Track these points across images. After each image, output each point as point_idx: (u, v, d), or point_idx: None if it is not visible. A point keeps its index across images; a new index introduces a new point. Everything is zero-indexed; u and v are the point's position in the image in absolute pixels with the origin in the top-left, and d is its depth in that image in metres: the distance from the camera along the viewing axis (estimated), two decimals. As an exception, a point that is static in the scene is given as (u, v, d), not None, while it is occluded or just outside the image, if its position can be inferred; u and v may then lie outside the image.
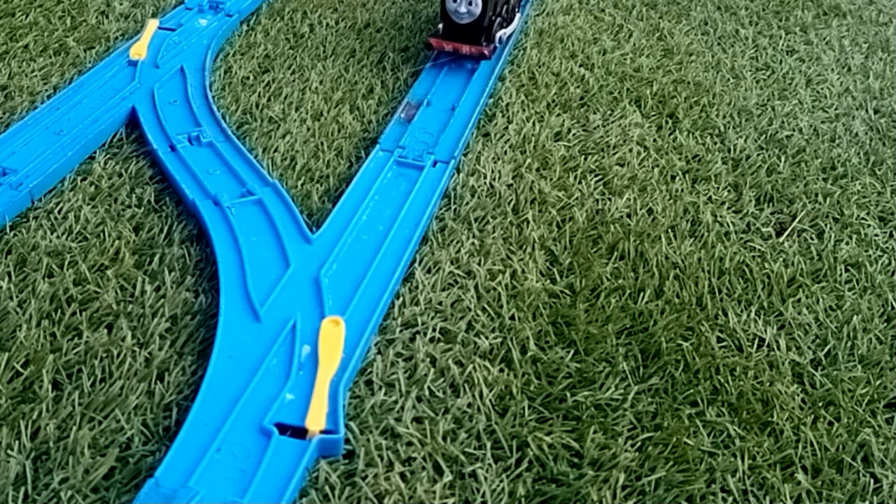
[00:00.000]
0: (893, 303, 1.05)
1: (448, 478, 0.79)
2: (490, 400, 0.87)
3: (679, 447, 0.84)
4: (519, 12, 1.49)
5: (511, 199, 1.13)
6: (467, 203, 1.12)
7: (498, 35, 1.35)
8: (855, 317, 1.01)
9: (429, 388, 0.87)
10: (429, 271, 1.01)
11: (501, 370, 0.90)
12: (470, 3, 1.30)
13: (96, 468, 0.76)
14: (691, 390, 0.90)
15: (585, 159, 1.23)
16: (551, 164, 1.21)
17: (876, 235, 1.16)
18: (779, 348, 0.97)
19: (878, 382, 0.94)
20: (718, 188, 1.21)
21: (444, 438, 0.82)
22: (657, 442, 0.85)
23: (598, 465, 0.82)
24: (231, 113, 1.25)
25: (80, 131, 1.14)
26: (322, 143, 1.21)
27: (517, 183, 1.16)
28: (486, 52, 1.33)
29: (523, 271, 1.02)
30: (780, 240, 1.13)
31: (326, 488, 0.77)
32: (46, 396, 0.82)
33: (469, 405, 0.86)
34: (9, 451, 0.77)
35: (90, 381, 0.84)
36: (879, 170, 1.29)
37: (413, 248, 1.01)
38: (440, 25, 1.34)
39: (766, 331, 0.98)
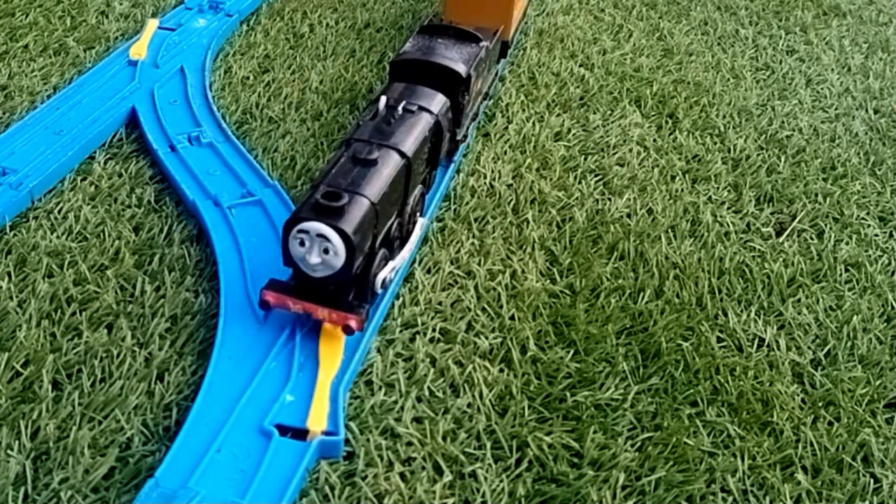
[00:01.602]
0: (893, 303, 1.05)
1: (448, 478, 0.79)
2: (490, 400, 0.87)
3: (679, 447, 0.84)
4: (423, 216, 1.03)
5: (511, 199, 1.13)
6: (467, 203, 1.12)
7: (381, 278, 0.89)
8: (855, 317, 1.01)
9: (429, 388, 0.87)
10: (429, 271, 1.01)
11: (501, 370, 0.90)
12: (326, 251, 0.82)
13: (96, 468, 0.76)
14: (691, 390, 0.90)
15: (585, 159, 1.23)
16: (551, 164, 1.21)
17: (876, 235, 1.16)
18: (779, 348, 0.97)
19: (878, 382, 0.94)
20: (718, 188, 1.21)
21: (444, 438, 0.82)
22: (657, 442, 0.85)
23: (598, 465, 0.82)
24: (231, 113, 1.25)
25: (80, 131, 1.14)
26: (322, 143, 1.21)
27: (517, 183, 1.16)
28: (353, 323, 0.85)
29: (523, 271, 1.02)
30: (780, 240, 1.13)
31: (326, 488, 0.77)
32: (46, 396, 0.82)
33: (469, 405, 0.86)
34: (9, 451, 0.77)
35: (90, 381, 0.84)
36: (879, 170, 1.29)
37: (413, 248, 1.01)
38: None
39: (766, 331, 0.98)
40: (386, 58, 1.42)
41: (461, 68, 1.07)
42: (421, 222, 1.01)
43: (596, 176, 1.20)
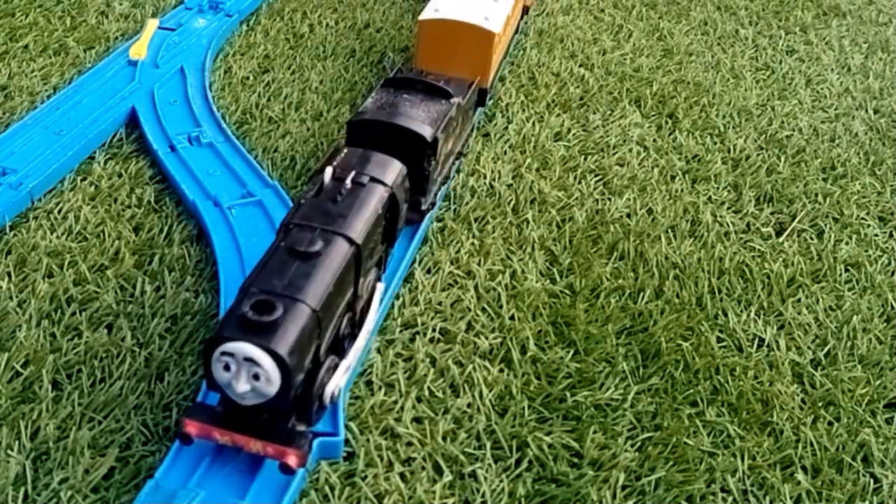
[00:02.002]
0: (893, 303, 1.05)
1: (448, 478, 0.79)
2: (490, 400, 0.87)
3: (679, 447, 0.84)
4: (380, 309, 0.88)
5: (511, 199, 1.13)
6: (467, 203, 1.12)
7: (330, 392, 0.76)
8: (855, 317, 1.01)
9: (428, 388, 0.87)
10: (429, 271, 1.01)
11: (501, 370, 0.90)
12: (256, 377, 0.68)
13: (96, 468, 0.76)
14: (691, 390, 0.90)
15: (585, 159, 1.23)
16: (551, 164, 1.21)
17: (876, 235, 1.16)
18: (779, 348, 0.97)
19: (878, 382, 0.94)
20: (718, 188, 1.21)
21: (444, 438, 0.82)
22: (657, 442, 0.85)
23: (598, 465, 0.82)
24: (231, 113, 1.25)
25: (80, 131, 1.14)
26: (322, 143, 1.21)
27: (517, 183, 1.16)
28: (291, 460, 0.72)
29: (523, 271, 1.02)
30: (780, 240, 1.13)
31: (326, 489, 0.77)
32: (46, 396, 0.82)
33: (469, 405, 0.86)
34: (9, 451, 0.77)
35: (90, 381, 0.84)
36: (879, 170, 1.29)
37: (413, 248, 1.01)
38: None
39: (766, 331, 0.99)
40: (386, 58, 1.42)
41: (427, 131, 0.96)
42: (372, 315, 0.85)
43: (596, 176, 1.20)
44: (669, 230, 1.12)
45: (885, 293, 1.06)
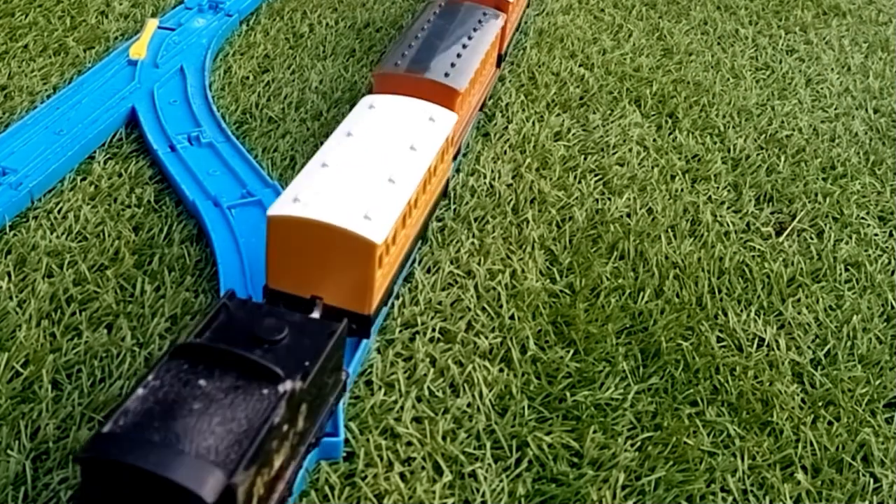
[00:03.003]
0: (893, 303, 1.05)
1: (448, 478, 0.79)
2: (490, 400, 0.87)
3: (679, 447, 0.84)
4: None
5: (511, 199, 1.13)
6: (467, 203, 1.12)
7: None
8: (855, 316, 1.01)
9: (428, 388, 0.87)
10: (428, 271, 1.01)
11: (501, 370, 0.90)
12: None
13: (96, 468, 0.76)
14: (691, 390, 0.90)
15: (585, 159, 1.23)
16: (551, 163, 1.21)
17: (876, 235, 1.16)
18: (779, 348, 0.97)
19: (878, 382, 0.94)
20: (718, 188, 1.21)
21: (444, 438, 0.82)
22: (657, 442, 0.85)
23: (598, 464, 0.82)
24: (231, 113, 1.25)
25: (80, 131, 1.14)
26: (322, 143, 1.20)
27: (517, 183, 1.16)
28: None
29: (523, 271, 1.02)
30: (780, 239, 1.13)
31: (326, 489, 0.77)
32: (46, 396, 0.82)
33: (469, 405, 0.86)
34: (9, 451, 0.77)
35: (90, 381, 0.84)
36: (879, 169, 1.29)
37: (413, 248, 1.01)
38: None
39: (766, 330, 0.99)
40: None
41: (208, 485, 0.52)
42: None
43: (596, 176, 1.20)
44: (669, 230, 1.12)
45: (885, 293, 1.06)
